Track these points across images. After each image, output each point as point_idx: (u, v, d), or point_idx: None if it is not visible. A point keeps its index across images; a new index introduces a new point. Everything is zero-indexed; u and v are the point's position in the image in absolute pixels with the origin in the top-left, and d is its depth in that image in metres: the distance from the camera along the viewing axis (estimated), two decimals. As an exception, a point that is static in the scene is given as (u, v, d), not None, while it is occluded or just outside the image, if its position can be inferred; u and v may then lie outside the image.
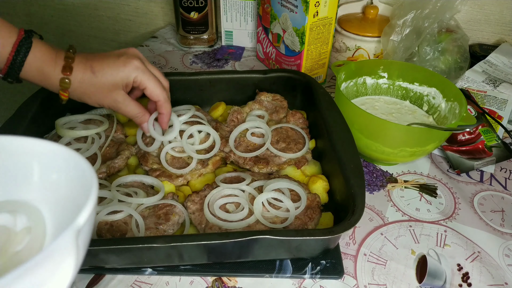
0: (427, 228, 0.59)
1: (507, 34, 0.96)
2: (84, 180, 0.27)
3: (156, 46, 1.07)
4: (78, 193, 0.28)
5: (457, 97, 0.65)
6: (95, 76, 0.51)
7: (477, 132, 0.71)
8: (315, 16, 0.78)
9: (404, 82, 0.74)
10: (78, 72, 0.51)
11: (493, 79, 0.83)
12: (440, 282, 0.52)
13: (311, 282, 0.51)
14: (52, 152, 0.30)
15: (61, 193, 0.30)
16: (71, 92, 0.52)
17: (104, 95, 0.53)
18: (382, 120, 0.61)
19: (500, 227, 0.59)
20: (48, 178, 0.31)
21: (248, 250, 0.48)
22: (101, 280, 0.50)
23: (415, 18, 0.81)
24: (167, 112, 0.59)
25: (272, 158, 0.63)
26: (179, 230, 0.54)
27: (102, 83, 0.52)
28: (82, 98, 0.53)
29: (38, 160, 0.31)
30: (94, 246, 0.45)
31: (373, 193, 0.64)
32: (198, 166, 0.62)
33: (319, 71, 0.89)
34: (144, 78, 0.54)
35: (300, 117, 0.70)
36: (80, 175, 0.28)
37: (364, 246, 0.56)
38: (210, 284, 0.51)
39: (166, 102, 0.57)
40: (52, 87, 0.51)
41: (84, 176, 0.28)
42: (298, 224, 0.52)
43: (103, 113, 0.70)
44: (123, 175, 0.61)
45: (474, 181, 0.67)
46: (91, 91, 0.52)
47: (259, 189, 0.57)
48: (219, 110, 0.73)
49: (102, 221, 0.51)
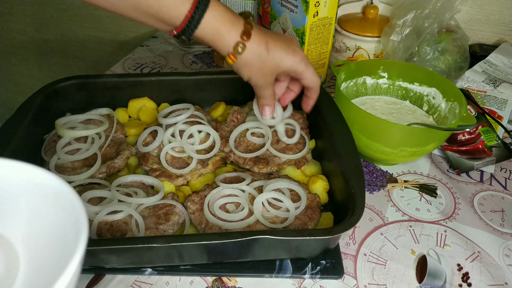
0: (427, 228, 0.59)
1: (507, 34, 0.96)
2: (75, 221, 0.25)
3: (156, 46, 1.07)
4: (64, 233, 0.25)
5: (457, 97, 0.65)
6: (267, 53, 0.51)
7: (477, 132, 0.71)
8: (315, 16, 0.78)
9: (404, 82, 0.74)
10: (254, 43, 0.50)
11: (493, 79, 0.83)
12: (440, 282, 0.52)
13: (311, 282, 0.51)
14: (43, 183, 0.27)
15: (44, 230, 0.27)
16: (238, 60, 0.51)
17: (264, 73, 0.53)
18: (382, 120, 0.61)
19: (500, 227, 0.59)
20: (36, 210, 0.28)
21: (248, 250, 0.48)
22: (101, 280, 0.50)
23: (415, 18, 0.81)
24: (316, 98, 0.60)
25: (272, 158, 0.63)
26: (179, 230, 0.54)
27: (269, 62, 0.52)
28: (242, 69, 0.52)
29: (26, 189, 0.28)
30: (94, 246, 0.45)
31: (373, 193, 0.64)
32: (198, 166, 0.62)
33: (319, 71, 0.89)
34: (305, 70, 0.54)
35: (300, 117, 0.70)
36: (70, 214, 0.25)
37: (364, 246, 0.56)
38: (210, 284, 0.51)
39: (318, 88, 0.59)
40: (222, 49, 0.50)
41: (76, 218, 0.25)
42: (298, 224, 0.52)
43: (103, 113, 0.71)
44: (123, 175, 0.61)
45: (474, 181, 0.67)
46: (256, 65, 0.52)
47: (259, 189, 0.57)
48: (219, 110, 0.73)
49: (102, 221, 0.51)
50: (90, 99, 0.71)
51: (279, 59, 0.52)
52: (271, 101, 0.59)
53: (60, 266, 0.21)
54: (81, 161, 0.61)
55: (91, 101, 0.71)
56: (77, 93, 0.70)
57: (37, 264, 0.27)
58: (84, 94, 0.70)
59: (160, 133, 0.65)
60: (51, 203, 0.27)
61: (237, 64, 0.51)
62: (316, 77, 0.57)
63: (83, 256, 0.23)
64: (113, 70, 0.97)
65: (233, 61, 0.50)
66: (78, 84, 0.70)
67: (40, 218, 0.28)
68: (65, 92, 0.69)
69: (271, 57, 0.51)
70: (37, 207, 0.28)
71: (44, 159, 0.62)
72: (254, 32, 0.50)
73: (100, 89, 0.71)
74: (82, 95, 0.70)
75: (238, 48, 0.49)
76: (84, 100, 0.71)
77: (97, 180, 0.59)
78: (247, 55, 0.50)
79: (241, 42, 0.49)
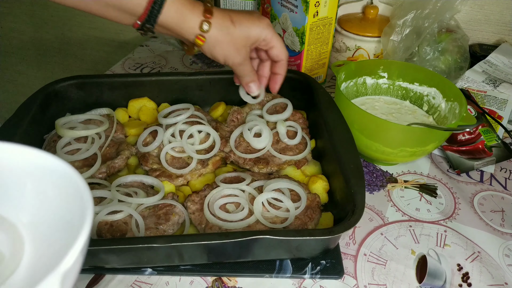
0: (427, 228, 0.59)
1: (507, 34, 0.96)
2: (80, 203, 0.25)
3: (156, 46, 1.07)
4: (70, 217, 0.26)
5: (457, 97, 0.65)
6: (234, 26, 0.51)
7: (477, 132, 0.71)
8: (315, 16, 0.78)
9: (404, 82, 0.74)
10: (218, 18, 0.50)
11: (493, 79, 0.83)
12: (440, 282, 0.52)
13: (311, 282, 0.51)
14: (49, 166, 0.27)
15: (50, 214, 0.28)
16: (207, 39, 0.51)
17: (237, 47, 0.53)
18: (382, 120, 0.61)
19: (500, 227, 0.59)
20: (41, 194, 0.28)
21: (248, 250, 0.48)
22: (101, 280, 0.50)
23: (415, 18, 0.81)
24: (284, 73, 0.60)
25: (272, 158, 0.63)
26: (179, 230, 0.54)
27: (238, 34, 0.52)
28: (214, 49, 0.52)
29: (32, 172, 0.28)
30: (94, 246, 0.45)
31: (373, 193, 0.64)
32: (198, 166, 0.62)
33: (319, 71, 0.89)
34: (274, 36, 0.55)
35: (300, 117, 0.70)
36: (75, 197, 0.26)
37: (364, 246, 0.56)
38: (210, 284, 0.51)
39: (287, 61, 0.59)
40: (188, 32, 0.50)
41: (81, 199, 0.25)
42: (298, 224, 0.52)
43: (103, 113, 0.70)
44: (123, 175, 0.61)
45: (474, 181, 0.67)
46: (227, 41, 0.52)
47: (259, 189, 0.57)
48: (219, 110, 0.73)
49: (102, 221, 0.51)
50: (90, 99, 0.71)
51: (246, 29, 0.52)
52: (254, 76, 0.59)
53: (65, 248, 0.22)
54: (81, 161, 0.61)
55: (91, 101, 0.71)
56: (77, 93, 0.70)
57: (42, 247, 0.28)
58: (84, 94, 0.70)
59: (160, 133, 0.65)
60: (56, 186, 0.28)
61: (207, 44, 0.51)
62: (284, 48, 0.57)
63: (89, 237, 0.23)
64: (113, 70, 0.97)
65: (203, 41, 0.51)
66: (78, 84, 0.70)
67: (46, 201, 0.28)
68: (65, 92, 0.69)
69: (239, 29, 0.52)
70: (43, 190, 0.28)
71: (44, 159, 0.62)
72: (216, 9, 0.51)
73: (100, 89, 0.71)
74: (82, 95, 0.70)
75: (203, 27, 0.50)
76: (84, 100, 0.71)
77: (97, 180, 0.59)
78: (214, 32, 0.50)
79: (205, 20, 0.49)
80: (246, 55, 0.55)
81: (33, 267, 0.27)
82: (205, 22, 0.49)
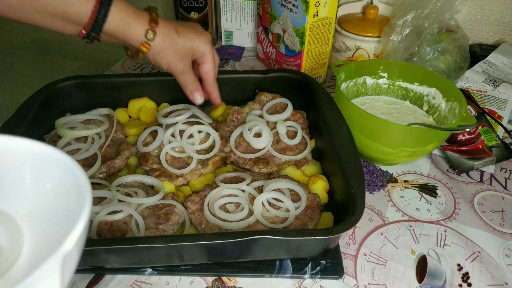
0: (427, 228, 0.59)
1: (507, 34, 0.96)
2: (78, 192, 0.26)
3: (156, 46, 1.07)
4: (68, 207, 0.26)
5: (457, 97, 0.65)
6: (178, 36, 0.54)
7: (477, 132, 0.71)
8: (315, 16, 0.78)
9: (404, 82, 0.74)
10: (163, 28, 0.52)
11: (493, 79, 0.83)
12: (440, 282, 0.52)
13: (311, 282, 0.51)
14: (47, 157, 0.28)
15: (48, 205, 0.28)
16: (152, 47, 0.53)
17: (180, 57, 0.55)
18: (382, 120, 0.61)
19: (500, 227, 0.59)
20: (40, 186, 0.28)
21: (248, 250, 0.48)
22: (101, 280, 0.50)
23: (415, 18, 0.81)
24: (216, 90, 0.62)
25: (272, 158, 0.63)
26: (179, 230, 0.54)
27: (183, 44, 0.54)
28: (158, 56, 0.54)
29: (31, 164, 0.28)
30: (94, 246, 0.45)
31: (373, 193, 0.64)
32: (198, 166, 0.62)
33: (319, 71, 0.89)
34: (210, 54, 0.58)
35: (300, 117, 0.70)
36: (73, 186, 0.26)
37: (364, 246, 0.56)
38: (210, 284, 0.51)
39: (215, 81, 0.61)
40: (133, 39, 0.52)
41: (79, 187, 0.26)
42: (298, 224, 0.52)
43: (103, 113, 0.70)
44: (123, 175, 0.61)
45: (474, 181, 0.67)
46: (170, 49, 0.54)
47: (259, 189, 0.57)
48: (219, 110, 0.73)
49: (102, 221, 0.51)
50: (90, 99, 0.71)
51: (190, 40, 0.55)
52: (197, 85, 0.60)
53: (64, 235, 0.22)
54: (81, 161, 0.61)
55: (91, 101, 0.71)
56: (77, 93, 0.70)
57: (42, 237, 0.28)
58: (84, 94, 0.70)
59: (160, 133, 0.65)
60: (54, 176, 0.28)
61: (152, 51, 0.53)
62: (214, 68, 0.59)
63: (88, 223, 0.23)
64: (113, 70, 0.96)
65: (147, 49, 0.52)
66: (78, 84, 0.70)
67: (44, 192, 0.28)
68: (65, 92, 0.69)
69: (183, 39, 0.54)
70: (41, 181, 0.28)
71: (44, 159, 0.62)
72: (161, 20, 0.53)
73: (100, 89, 0.71)
74: (82, 95, 0.70)
75: (149, 35, 0.51)
76: (84, 100, 0.71)
77: (97, 180, 0.59)
78: (159, 40, 0.52)
79: (151, 29, 0.51)
80: (188, 64, 0.57)
81: (34, 258, 0.27)
82: (150, 31, 0.51)
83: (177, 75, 0.58)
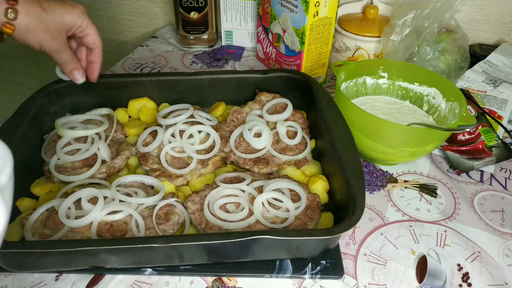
0: (427, 228, 0.59)
1: (507, 34, 0.96)
2: None
3: (156, 46, 1.07)
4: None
5: (457, 97, 0.65)
6: (45, 13, 0.50)
7: (477, 132, 0.71)
8: (315, 16, 0.78)
9: (404, 82, 0.74)
10: (25, 5, 0.49)
11: (493, 79, 0.83)
12: (440, 282, 0.52)
13: (311, 282, 0.51)
14: None
15: None
16: (16, 27, 0.49)
17: (52, 34, 0.52)
18: (382, 120, 0.61)
19: (500, 227, 0.59)
20: None
21: (248, 250, 0.48)
22: (101, 280, 0.50)
23: (415, 18, 0.81)
24: (101, 61, 0.60)
25: (272, 158, 0.63)
26: (179, 230, 0.54)
27: (52, 20, 0.51)
28: (26, 36, 0.51)
29: None
30: (94, 246, 0.45)
31: (373, 193, 0.64)
32: (198, 166, 0.62)
33: (319, 71, 0.89)
34: (90, 24, 0.55)
35: (300, 117, 0.70)
36: None
37: (364, 246, 0.56)
38: (210, 284, 0.51)
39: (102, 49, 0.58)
40: None
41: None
42: (298, 224, 0.52)
43: (103, 113, 0.70)
44: (123, 175, 0.61)
45: (474, 181, 0.67)
46: (39, 28, 0.50)
47: (259, 189, 0.57)
48: (219, 110, 0.73)
49: (102, 221, 0.51)
50: (90, 99, 0.71)
51: (60, 15, 0.51)
52: (76, 63, 0.58)
53: None
54: (81, 161, 0.61)
55: (91, 101, 0.71)
56: (77, 93, 0.70)
57: None
58: (84, 94, 0.70)
59: (160, 133, 0.65)
60: None
61: (18, 32, 0.50)
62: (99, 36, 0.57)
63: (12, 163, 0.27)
64: (113, 70, 0.97)
65: (11, 29, 0.49)
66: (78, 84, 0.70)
67: None
68: (65, 92, 0.69)
69: (52, 15, 0.51)
70: None
71: (44, 159, 0.62)
72: None
73: (100, 89, 0.71)
74: (82, 95, 0.70)
75: (9, 14, 0.48)
76: (84, 100, 0.71)
77: (97, 180, 0.59)
78: (24, 19, 0.49)
79: (10, 8, 0.48)
80: (63, 42, 0.54)
81: None
82: (10, 10, 0.48)
83: (52, 54, 0.54)
